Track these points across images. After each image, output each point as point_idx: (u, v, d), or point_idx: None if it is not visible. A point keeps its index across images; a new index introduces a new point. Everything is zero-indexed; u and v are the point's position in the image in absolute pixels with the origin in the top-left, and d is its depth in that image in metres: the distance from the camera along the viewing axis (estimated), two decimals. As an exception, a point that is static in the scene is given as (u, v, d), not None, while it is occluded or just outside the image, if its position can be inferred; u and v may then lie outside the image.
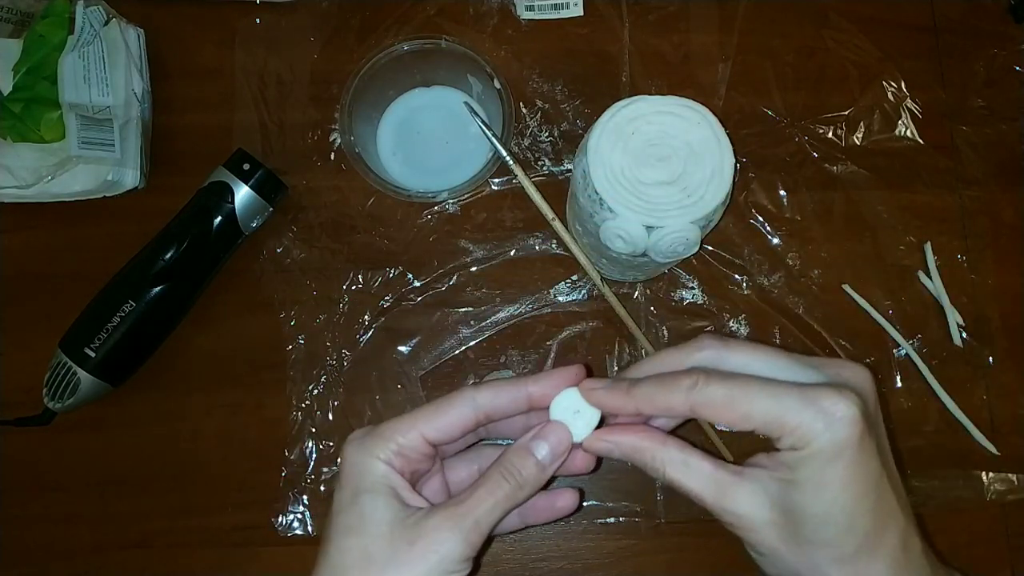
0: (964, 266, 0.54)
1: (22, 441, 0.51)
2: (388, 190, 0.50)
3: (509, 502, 0.31)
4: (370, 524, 0.31)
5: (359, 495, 0.31)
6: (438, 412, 0.33)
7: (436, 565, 0.30)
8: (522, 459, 0.32)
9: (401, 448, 0.32)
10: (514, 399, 0.33)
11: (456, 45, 0.51)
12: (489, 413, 0.33)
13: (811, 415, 0.28)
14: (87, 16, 0.51)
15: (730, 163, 0.41)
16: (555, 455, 0.32)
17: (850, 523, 0.29)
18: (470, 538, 0.30)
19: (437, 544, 0.30)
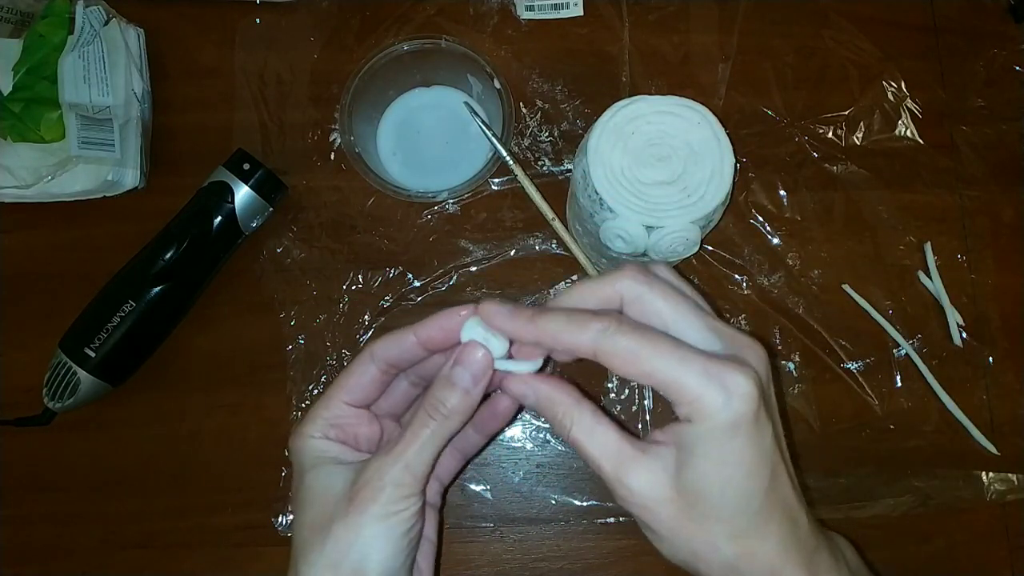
0: (964, 266, 0.54)
1: (22, 441, 0.51)
2: (388, 190, 0.50)
3: (440, 436, 0.32)
4: (316, 496, 0.32)
5: (303, 475, 0.33)
6: (347, 376, 0.34)
7: (376, 513, 0.31)
8: (444, 390, 0.32)
9: (329, 420, 0.34)
10: (406, 346, 0.34)
11: (456, 45, 0.51)
12: (390, 362, 0.34)
13: (713, 389, 0.27)
14: (87, 16, 0.51)
15: (730, 163, 0.41)
16: (476, 376, 0.32)
17: (745, 499, 0.29)
18: (403, 481, 0.31)
19: (373, 493, 0.31)
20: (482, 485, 0.51)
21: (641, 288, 0.30)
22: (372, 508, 0.31)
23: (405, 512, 0.31)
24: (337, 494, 0.32)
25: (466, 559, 0.51)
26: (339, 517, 0.31)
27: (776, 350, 0.53)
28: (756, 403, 0.28)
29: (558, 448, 0.52)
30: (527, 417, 0.52)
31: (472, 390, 0.32)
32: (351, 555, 0.30)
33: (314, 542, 0.31)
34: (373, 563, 0.31)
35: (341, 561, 0.30)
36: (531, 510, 0.51)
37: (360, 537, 0.31)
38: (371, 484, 0.31)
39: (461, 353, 0.32)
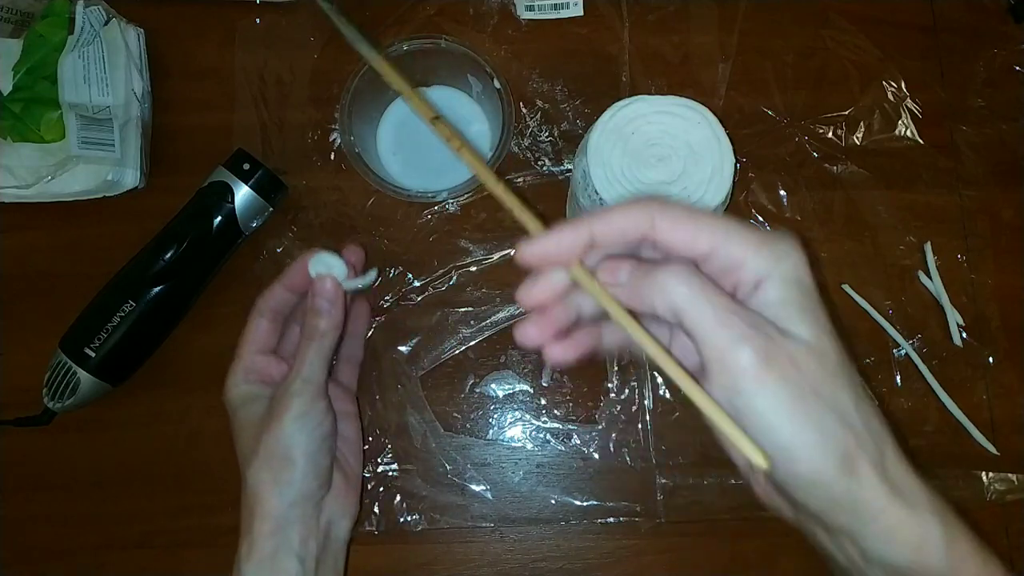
0: (964, 266, 0.54)
1: (22, 441, 0.51)
2: (388, 190, 0.50)
3: (321, 351, 0.41)
4: (247, 423, 0.42)
5: (235, 413, 0.43)
6: (245, 332, 0.44)
7: (290, 416, 0.40)
8: (313, 318, 0.42)
9: (244, 368, 0.44)
10: (278, 294, 0.44)
11: (455, 44, 0.51)
12: (274, 310, 0.44)
13: (776, 239, 0.28)
14: (87, 16, 0.51)
15: (730, 163, 0.41)
16: (331, 300, 0.42)
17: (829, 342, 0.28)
18: (305, 391, 0.40)
19: (285, 403, 0.40)
20: (482, 485, 0.51)
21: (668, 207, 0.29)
22: (286, 414, 0.40)
23: (312, 411, 0.40)
24: (262, 415, 0.41)
25: (466, 559, 0.51)
26: (264, 429, 0.40)
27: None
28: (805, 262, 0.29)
29: (558, 448, 0.52)
30: (527, 417, 0.52)
31: (332, 311, 0.42)
32: (279, 450, 0.39)
33: (250, 451, 0.40)
34: (297, 451, 0.40)
35: (271, 457, 0.39)
36: (531, 510, 0.51)
37: (283, 435, 0.39)
38: (282, 399, 0.40)
39: (315, 286, 0.42)
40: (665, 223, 0.28)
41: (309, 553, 0.40)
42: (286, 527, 0.40)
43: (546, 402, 0.52)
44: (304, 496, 0.41)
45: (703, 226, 0.28)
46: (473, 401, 0.52)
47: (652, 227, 0.28)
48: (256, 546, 0.40)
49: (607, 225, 0.29)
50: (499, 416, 0.52)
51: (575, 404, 0.52)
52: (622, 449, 0.51)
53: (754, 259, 0.28)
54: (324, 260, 0.42)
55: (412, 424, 0.52)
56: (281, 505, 0.40)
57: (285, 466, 0.40)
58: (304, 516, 0.41)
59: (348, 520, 0.44)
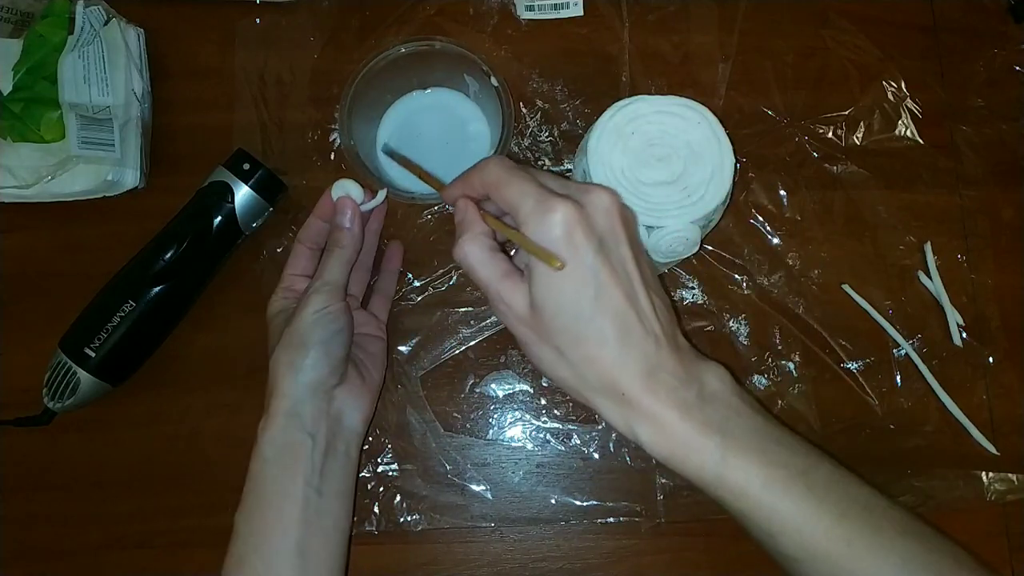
0: (964, 266, 0.54)
1: (22, 441, 0.51)
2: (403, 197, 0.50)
3: (341, 260, 0.46)
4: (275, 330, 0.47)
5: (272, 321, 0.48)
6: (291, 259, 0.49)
7: (310, 312, 0.44)
8: (335, 232, 0.47)
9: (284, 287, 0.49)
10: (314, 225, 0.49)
11: (450, 45, 0.51)
12: (312, 240, 0.49)
13: (535, 215, 0.35)
14: (87, 16, 0.51)
15: (730, 163, 0.41)
16: (349, 216, 0.47)
17: (574, 309, 0.35)
18: (324, 290, 0.45)
19: (306, 301, 0.44)
20: (482, 485, 0.51)
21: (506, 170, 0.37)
22: (306, 310, 0.44)
23: (329, 308, 0.44)
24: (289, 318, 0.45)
25: (466, 559, 0.51)
26: (288, 322, 0.45)
27: (776, 350, 0.53)
28: (568, 226, 0.34)
29: (558, 448, 0.52)
30: (527, 417, 0.52)
31: (351, 225, 0.47)
32: (296, 338, 0.44)
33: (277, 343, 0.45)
34: (312, 338, 0.44)
35: (290, 344, 0.44)
36: (531, 510, 0.51)
37: (301, 324, 0.44)
38: (305, 296, 0.45)
39: (336, 206, 0.47)
40: (487, 186, 0.38)
41: (319, 432, 0.44)
42: (299, 405, 0.43)
43: (546, 402, 0.52)
44: (317, 380, 0.44)
45: (504, 195, 0.37)
46: (473, 401, 0.52)
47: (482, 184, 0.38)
48: (272, 421, 0.43)
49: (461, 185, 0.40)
50: (499, 416, 0.52)
51: (575, 404, 0.52)
52: (622, 449, 0.51)
53: (527, 221, 0.35)
54: (343, 185, 0.48)
55: (412, 424, 0.52)
56: (295, 385, 0.43)
57: (300, 352, 0.44)
58: (316, 399, 0.44)
59: (360, 414, 0.47)
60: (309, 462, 0.43)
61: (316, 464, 0.44)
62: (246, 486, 0.44)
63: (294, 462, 0.43)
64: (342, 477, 0.46)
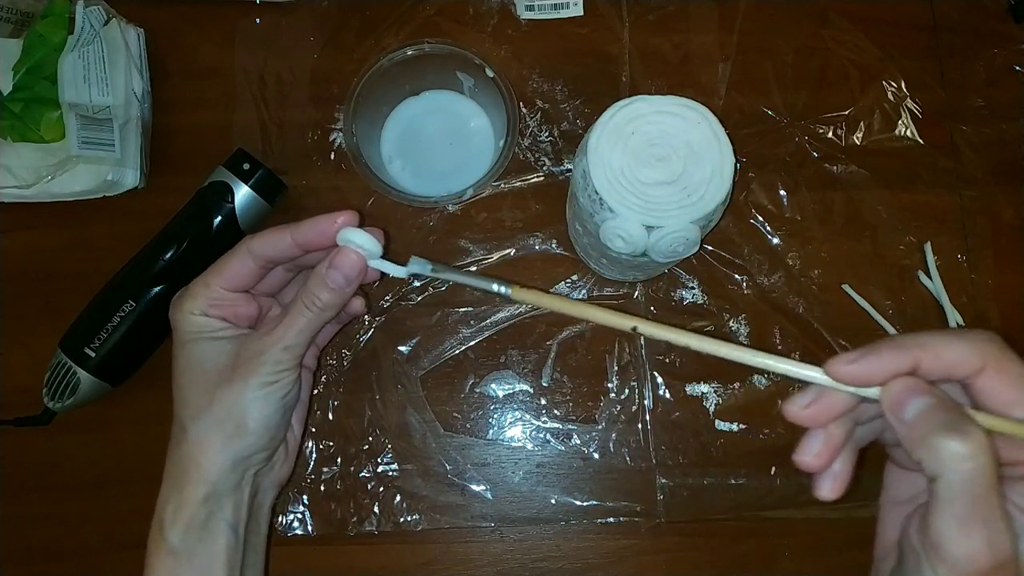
0: (964, 266, 0.54)
1: (22, 441, 0.51)
2: (392, 195, 0.50)
3: (314, 324, 0.37)
4: (198, 364, 0.38)
5: (183, 344, 0.38)
6: (225, 265, 0.38)
7: (257, 383, 0.36)
8: (319, 288, 0.37)
9: (209, 300, 0.38)
10: (283, 246, 0.38)
11: (440, 45, 0.51)
12: (267, 258, 0.38)
13: None
14: (87, 16, 0.51)
15: (730, 163, 0.41)
16: (349, 278, 0.36)
17: None
18: (282, 359, 0.36)
19: (254, 367, 0.36)
20: (482, 485, 0.51)
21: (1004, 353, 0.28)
22: (253, 379, 0.36)
23: (282, 381, 0.37)
24: (220, 364, 0.37)
25: (466, 559, 0.51)
26: (223, 384, 0.36)
27: (776, 350, 0.53)
28: None
29: (558, 448, 0.52)
30: (527, 417, 0.52)
31: (345, 289, 0.37)
32: (233, 414, 0.36)
33: (200, 404, 0.37)
34: (253, 421, 0.36)
35: (225, 420, 0.36)
36: (531, 510, 0.51)
37: (243, 400, 0.36)
38: (253, 360, 0.36)
39: (336, 256, 0.36)
40: (995, 379, 0.26)
41: (240, 521, 0.38)
42: (221, 494, 0.37)
43: (546, 402, 0.52)
44: (248, 467, 0.38)
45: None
46: (473, 401, 0.52)
47: (981, 373, 0.27)
48: (185, 511, 0.37)
49: (936, 359, 0.27)
50: (499, 416, 0.52)
51: (575, 404, 0.52)
52: (622, 449, 0.51)
53: None
54: (358, 233, 0.36)
55: (412, 424, 0.52)
56: (222, 472, 0.37)
57: (238, 433, 0.37)
58: (240, 484, 0.38)
59: (276, 488, 0.42)
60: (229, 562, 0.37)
61: (237, 562, 0.38)
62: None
63: (211, 561, 0.37)
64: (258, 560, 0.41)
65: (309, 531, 0.50)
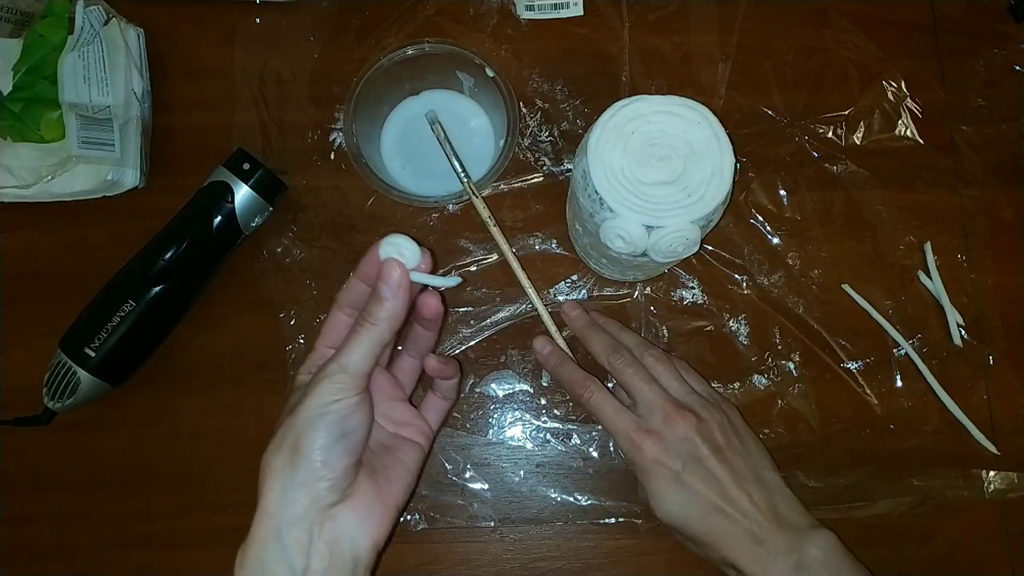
0: (964, 266, 0.54)
1: (22, 441, 0.51)
2: (393, 195, 0.50)
3: (369, 340, 0.37)
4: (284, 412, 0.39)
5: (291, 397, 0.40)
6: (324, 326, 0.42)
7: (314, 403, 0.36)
8: (371, 303, 0.38)
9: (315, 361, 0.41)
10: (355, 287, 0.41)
11: (440, 45, 0.51)
12: (351, 305, 0.41)
13: (630, 448, 0.44)
14: (87, 16, 0.51)
15: (730, 163, 0.41)
16: (393, 287, 0.37)
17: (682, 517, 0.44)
18: (339, 379, 0.37)
19: (313, 387, 0.37)
20: (482, 485, 0.51)
21: None
22: (310, 400, 0.36)
23: (340, 403, 0.36)
24: None
25: (466, 559, 0.51)
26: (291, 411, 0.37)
27: (776, 350, 0.53)
28: (654, 457, 0.43)
29: (558, 448, 0.52)
30: (527, 417, 0.52)
31: (392, 299, 0.37)
32: (290, 437, 0.36)
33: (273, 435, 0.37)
34: (306, 443, 0.36)
35: (283, 444, 0.36)
36: (531, 510, 0.51)
37: (299, 422, 0.36)
38: (313, 382, 0.37)
39: (381, 271, 0.38)
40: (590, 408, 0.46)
41: (311, 568, 0.35)
42: (284, 529, 0.35)
43: (546, 402, 0.52)
44: (310, 497, 0.35)
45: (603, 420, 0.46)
46: (473, 401, 0.52)
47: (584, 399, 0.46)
48: (250, 547, 0.35)
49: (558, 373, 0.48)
50: (499, 416, 0.52)
51: (575, 404, 0.52)
52: (622, 449, 0.51)
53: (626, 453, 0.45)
54: (395, 243, 0.37)
55: (412, 424, 0.51)
56: (283, 502, 0.35)
57: (293, 458, 0.35)
58: (306, 520, 0.35)
59: (368, 539, 0.37)
60: None
61: None
62: None
63: None
64: None
65: (309, 531, 0.50)
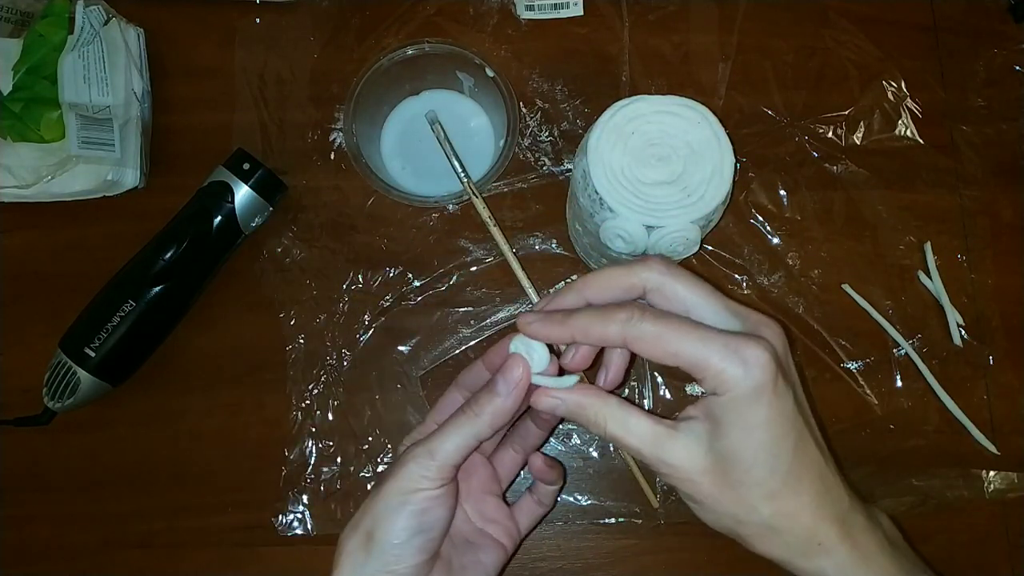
0: (964, 266, 0.54)
1: (22, 441, 0.51)
2: (393, 195, 0.50)
3: (467, 432, 0.35)
4: None
5: None
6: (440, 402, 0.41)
7: (395, 488, 0.34)
8: (482, 394, 0.35)
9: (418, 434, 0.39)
10: (478, 372, 0.40)
11: (440, 45, 0.51)
12: (470, 388, 0.40)
13: (733, 362, 0.30)
14: (87, 16, 0.51)
15: (730, 163, 0.41)
16: (510, 384, 0.35)
17: (774, 460, 0.31)
18: (424, 464, 0.34)
19: (397, 470, 0.35)
20: (482, 485, 0.51)
21: (663, 277, 0.33)
22: (392, 484, 0.34)
23: (422, 494, 0.34)
24: None
25: (466, 559, 0.51)
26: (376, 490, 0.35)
27: (776, 350, 0.53)
28: (773, 372, 0.30)
29: (558, 448, 0.52)
30: (527, 417, 0.52)
31: (506, 398, 0.35)
32: (366, 522, 0.34)
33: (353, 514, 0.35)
34: (381, 531, 0.34)
35: (359, 527, 0.34)
36: (531, 510, 0.51)
37: (377, 507, 0.34)
38: (398, 465, 0.35)
39: (505, 364, 0.35)
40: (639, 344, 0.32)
41: None
42: None
43: (546, 402, 0.52)
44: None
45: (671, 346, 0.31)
46: (473, 401, 0.52)
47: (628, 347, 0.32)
48: None
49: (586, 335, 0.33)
50: (499, 416, 0.52)
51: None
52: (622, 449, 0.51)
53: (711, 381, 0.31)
54: (527, 343, 0.36)
55: (412, 424, 0.51)
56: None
57: (366, 544, 0.34)
58: None
59: None
60: None
61: None
62: None
63: None
64: None
65: (309, 531, 0.50)
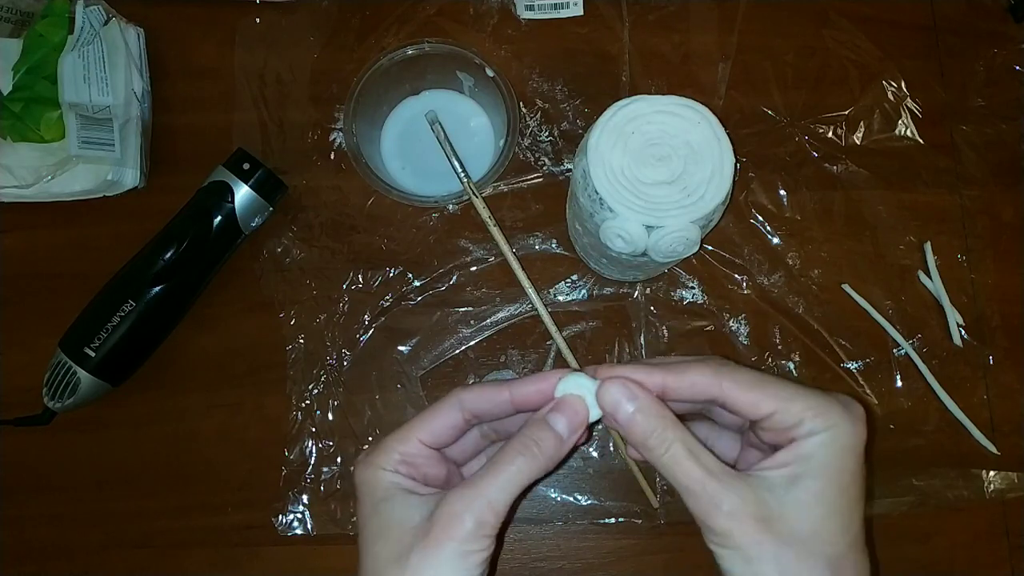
0: (964, 266, 0.54)
1: (22, 441, 0.51)
2: (393, 195, 0.50)
3: (525, 475, 0.31)
4: (392, 526, 0.31)
5: (376, 504, 0.32)
6: (430, 415, 0.34)
7: (454, 549, 0.30)
8: (541, 431, 0.32)
9: (403, 456, 0.33)
10: (497, 401, 0.34)
11: (440, 45, 0.51)
12: (476, 414, 0.34)
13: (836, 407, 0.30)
14: (87, 16, 0.51)
15: (730, 163, 0.41)
16: (572, 427, 0.32)
17: (847, 521, 0.29)
18: (484, 518, 0.30)
19: (453, 526, 0.30)
20: (482, 485, 0.51)
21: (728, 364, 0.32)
22: (450, 544, 0.30)
23: (481, 552, 0.30)
24: (415, 525, 0.31)
25: (466, 559, 0.51)
26: (417, 548, 0.30)
27: (776, 350, 0.53)
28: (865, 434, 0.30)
29: (558, 448, 0.52)
30: (527, 417, 0.52)
31: (567, 439, 0.32)
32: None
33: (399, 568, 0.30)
34: None
35: None
36: (531, 510, 0.51)
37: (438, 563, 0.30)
38: (453, 516, 0.30)
39: (561, 404, 0.33)
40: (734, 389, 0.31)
41: None
42: None
43: (546, 402, 0.52)
44: None
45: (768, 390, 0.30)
46: (473, 401, 0.52)
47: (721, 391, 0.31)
48: None
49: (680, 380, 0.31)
50: (499, 416, 0.52)
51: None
52: (622, 449, 0.51)
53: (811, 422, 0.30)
54: (578, 382, 0.33)
55: (412, 424, 0.51)
56: None
57: None
58: None
59: None
60: None
61: None
62: None
63: None
64: None
65: (309, 531, 0.50)
